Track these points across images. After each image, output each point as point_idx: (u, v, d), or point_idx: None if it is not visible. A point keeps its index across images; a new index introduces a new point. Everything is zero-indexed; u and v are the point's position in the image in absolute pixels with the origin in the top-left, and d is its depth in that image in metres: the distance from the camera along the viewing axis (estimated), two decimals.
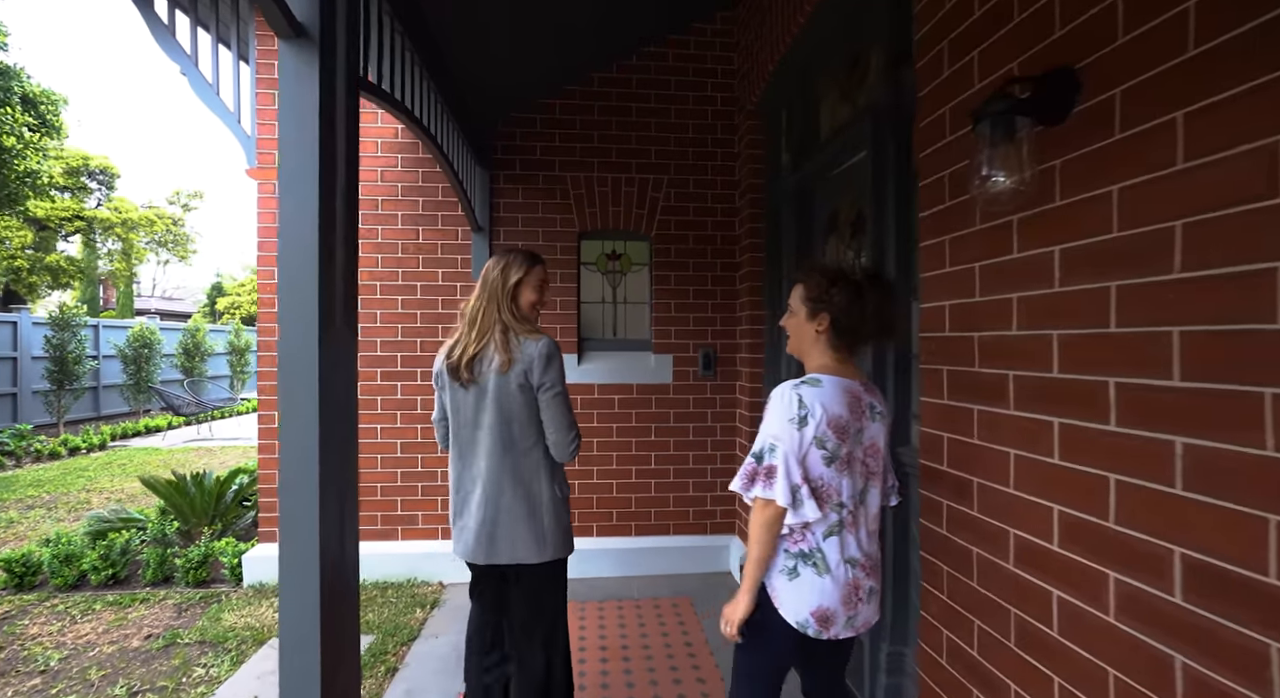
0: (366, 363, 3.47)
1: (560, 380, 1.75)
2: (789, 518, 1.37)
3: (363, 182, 3.46)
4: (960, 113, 1.46)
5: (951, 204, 1.50)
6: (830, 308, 1.45)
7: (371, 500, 3.49)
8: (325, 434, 1.29)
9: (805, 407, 1.36)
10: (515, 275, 1.80)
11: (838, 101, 2.75)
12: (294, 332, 1.25)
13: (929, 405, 1.62)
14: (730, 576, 3.62)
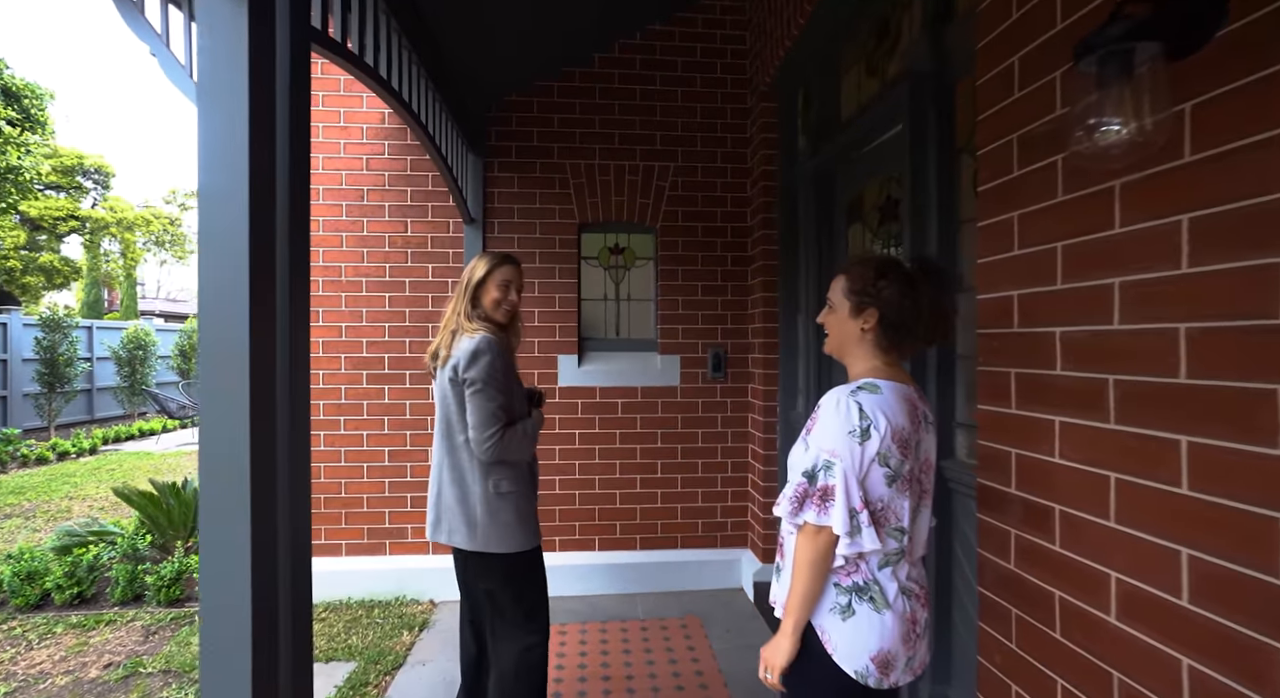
0: (351, 365, 3.23)
1: (485, 379, 1.73)
2: (843, 548, 1.15)
3: (347, 170, 3.23)
4: (1034, 63, 1.21)
5: (1022, 174, 1.25)
6: (878, 303, 1.23)
7: (358, 513, 3.25)
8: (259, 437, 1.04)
9: (868, 417, 1.14)
10: (479, 273, 1.86)
11: (863, 76, 2.50)
12: (218, 323, 1.01)
13: (990, 415, 1.36)
14: (742, 592, 3.37)
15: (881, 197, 2.38)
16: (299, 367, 1.17)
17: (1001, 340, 1.32)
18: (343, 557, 3.23)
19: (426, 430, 3.26)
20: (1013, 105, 1.27)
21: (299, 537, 1.21)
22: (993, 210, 1.34)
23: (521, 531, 1.82)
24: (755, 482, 3.36)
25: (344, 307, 3.23)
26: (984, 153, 1.37)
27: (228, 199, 1.00)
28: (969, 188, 1.76)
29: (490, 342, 1.75)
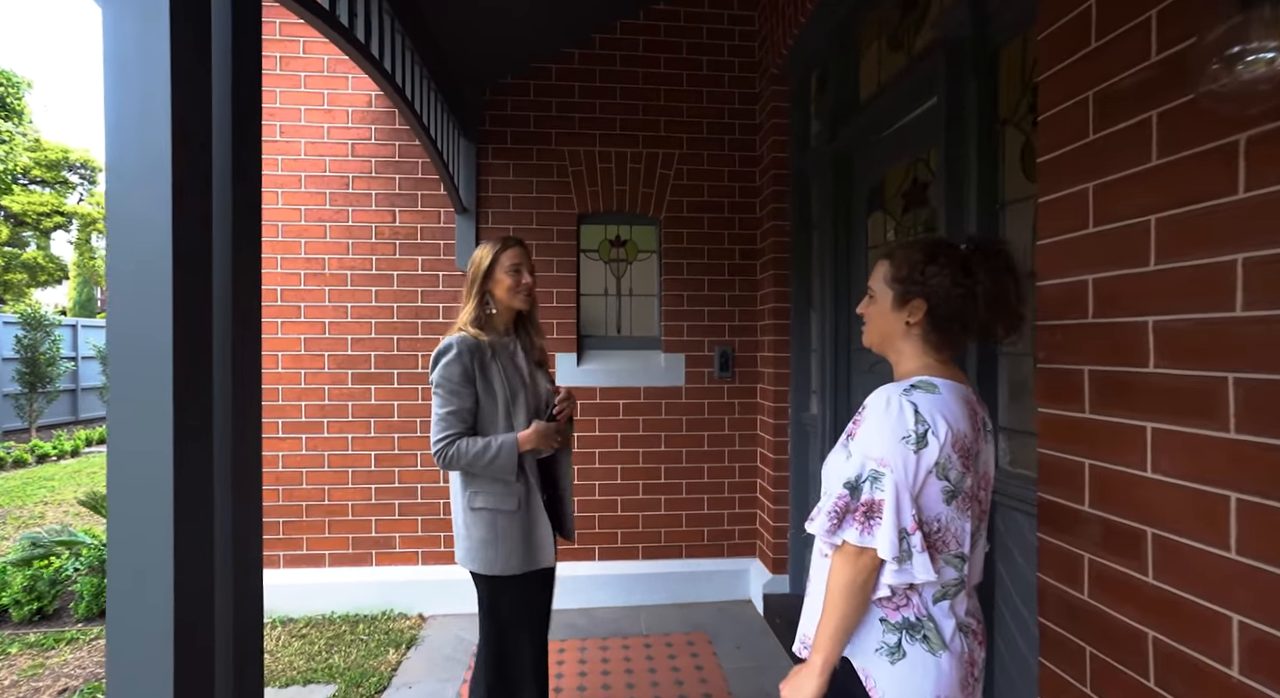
0: (336, 363, 3.04)
1: (442, 380, 1.62)
2: (889, 576, 0.97)
3: (332, 156, 3.03)
4: (1118, 3, 1.02)
5: (1100, 137, 1.07)
6: (926, 292, 1.05)
7: (342, 521, 3.05)
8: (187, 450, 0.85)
9: (924, 420, 0.97)
10: (485, 263, 1.69)
11: (885, 52, 2.32)
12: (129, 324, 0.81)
13: (1054, 420, 1.18)
14: (751, 604, 3.19)
15: (907, 181, 2.20)
16: (244, 368, 0.98)
17: (1070, 333, 1.14)
18: (326, 568, 3.04)
19: (416, 433, 3.07)
20: (1088, 58, 1.09)
21: (245, 552, 1.01)
22: (1059, 183, 1.16)
23: (495, 552, 1.62)
24: (764, 488, 3.17)
25: (328, 301, 3.04)
26: (1047, 117, 1.19)
27: (143, 177, 0.80)
28: (1014, 164, 1.58)
29: (456, 342, 1.64)
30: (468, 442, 1.59)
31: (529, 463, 1.66)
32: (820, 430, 2.61)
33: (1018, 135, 1.57)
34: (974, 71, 1.63)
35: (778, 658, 2.65)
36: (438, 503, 3.08)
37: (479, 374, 1.63)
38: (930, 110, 1.90)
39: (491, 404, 1.64)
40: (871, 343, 1.18)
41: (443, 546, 3.09)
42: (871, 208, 2.45)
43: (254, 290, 0.98)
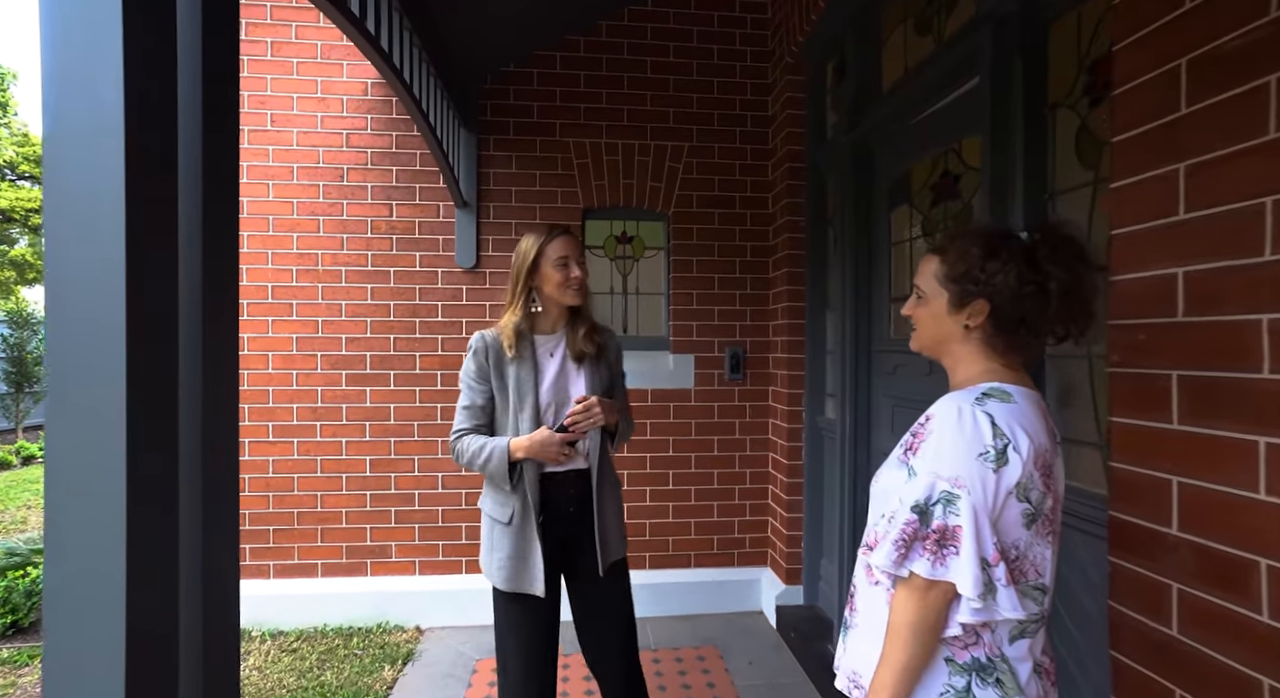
0: (329, 364, 2.90)
1: (462, 374, 1.59)
2: (966, 614, 0.85)
3: (325, 147, 2.89)
4: None
5: (1197, 110, 0.94)
6: (989, 291, 0.92)
7: (335, 529, 2.91)
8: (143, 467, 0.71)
9: (1004, 434, 0.85)
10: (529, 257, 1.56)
11: (913, 36, 2.19)
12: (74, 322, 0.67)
13: (1133, 431, 1.05)
14: (762, 615, 3.06)
15: (935, 173, 2.07)
16: (218, 369, 0.84)
17: (1155, 333, 1.01)
18: (318, 578, 2.90)
19: (413, 438, 2.93)
20: (1182, 20, 0.96)
21: (218, 568, 0.87)
22: (1139, 165, 1.03)
23: (490, 559, 1.56)
24: (777, 494, 3.05)
25: (321, 299, 2.90)
26: (1125, 92, 1.06)
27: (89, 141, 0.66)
28: (1066, 150, 1.45)
29: (476, 338, 1.58)
30: (470, 439, 1.53)
31: (529, 476, 1.51)
32: (840, 435, 2.48)
33: (1071, 118, 1.44)
34: (1020, 51, 1.51)
35: (792, 674, 2.52)
36: (435, 510, 2.95)
37: (494, 373, 1.55)
38: (964, 97, 1.78)
39: (504, 407, 1.55)
40: (923, 348, 1.06)
41: (441, 554, 2.95)
42: (895, 202, 2.32)
43: (228, 275, 0.85)
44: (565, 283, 1.53)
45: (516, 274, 1.57)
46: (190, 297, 0.80)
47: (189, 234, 0.80)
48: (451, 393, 2.95)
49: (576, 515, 1.57)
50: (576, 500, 1.57)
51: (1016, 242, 0.93)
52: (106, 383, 0.66)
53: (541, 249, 1.54)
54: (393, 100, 2.92)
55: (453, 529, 2.96)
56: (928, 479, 0.87)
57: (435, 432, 2.94)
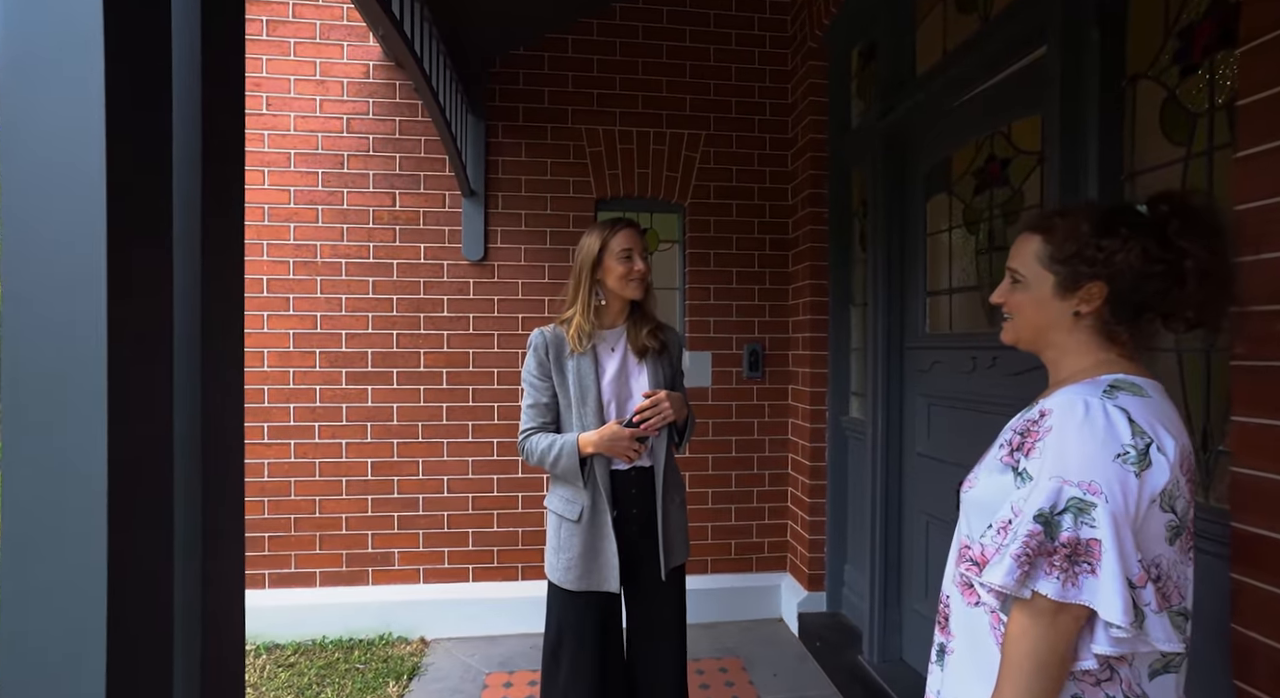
0: (328, 362, 2.74)
1: (524, 373, 1.58)
2: (1104, 645, 0.72)
3: (325, 132, 2.73)
4: None
5: None
6: (1108, 272, 0.80)
7: (335, 536, 2.75)
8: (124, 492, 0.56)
9: (1144, 432, 0.72)
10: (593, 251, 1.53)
11: (953, 14, 2.07)
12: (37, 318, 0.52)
13: (1262, 431, 0.93)
14: (783, 623, 2.93)
15: (980, 158, 1.95)
16: (220, 362, 0.69)
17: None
18: (317, 588, 2.74)
19: (417, 439, 2.78)
20: None
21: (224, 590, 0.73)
22: (1271, 131, 0.91)
23: (556, 559, 1.54)
24: (798, 497, 2.92)
25: (320, 293, 2.74)
26: (1255, 48, 0.94)
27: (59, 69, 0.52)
28: (1148, 125, 1.34)
29: (536, 334, 1.57)
30: (539, 438, 1.52)
31: (599, 472, 1.49)
32: (870, 435, 2.36)
33: (1155, 91, 1.32)
34: (1097, 19, 1.38)
35: (820, 687, 2.40)
36: (441, 515, 2.80)
37: (555, 369, 1.52)
38: (1017, 75, 1.66)
39: (566, 403, 1.52)
40: (1019, 339, 0.93)
41: (446, 562, 2.81)
42: (931, 191, 2.20)
43: (234, 242, 0.70)
44: (628, 275, 1.52)
45: (580, 269, 1.55)
46: (187, 272, 0.65)
47: (185, 188, 0.65)
48: (458, 392, 2.80)
49: (640, 516, 1.55)
50: (640, 500, 1.54)
51: (1136, 216, 0.81)
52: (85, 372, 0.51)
53: (605, 242, 1.53)
54: (396, 84, 2.77)
55: (459, 535, 2.81)
56: (1051, 484, 0.74)
57: (440, 433, 2.79)
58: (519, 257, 2.85)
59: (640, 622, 1.59)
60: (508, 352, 2.83)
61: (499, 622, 2.77)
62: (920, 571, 2.20)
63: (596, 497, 1.50)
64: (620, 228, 1.55)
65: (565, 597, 1.52)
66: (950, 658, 0.88)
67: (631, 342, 1.58)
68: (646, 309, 1.63)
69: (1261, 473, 0.93)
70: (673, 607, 1.60)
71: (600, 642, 1.50)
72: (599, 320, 1.56)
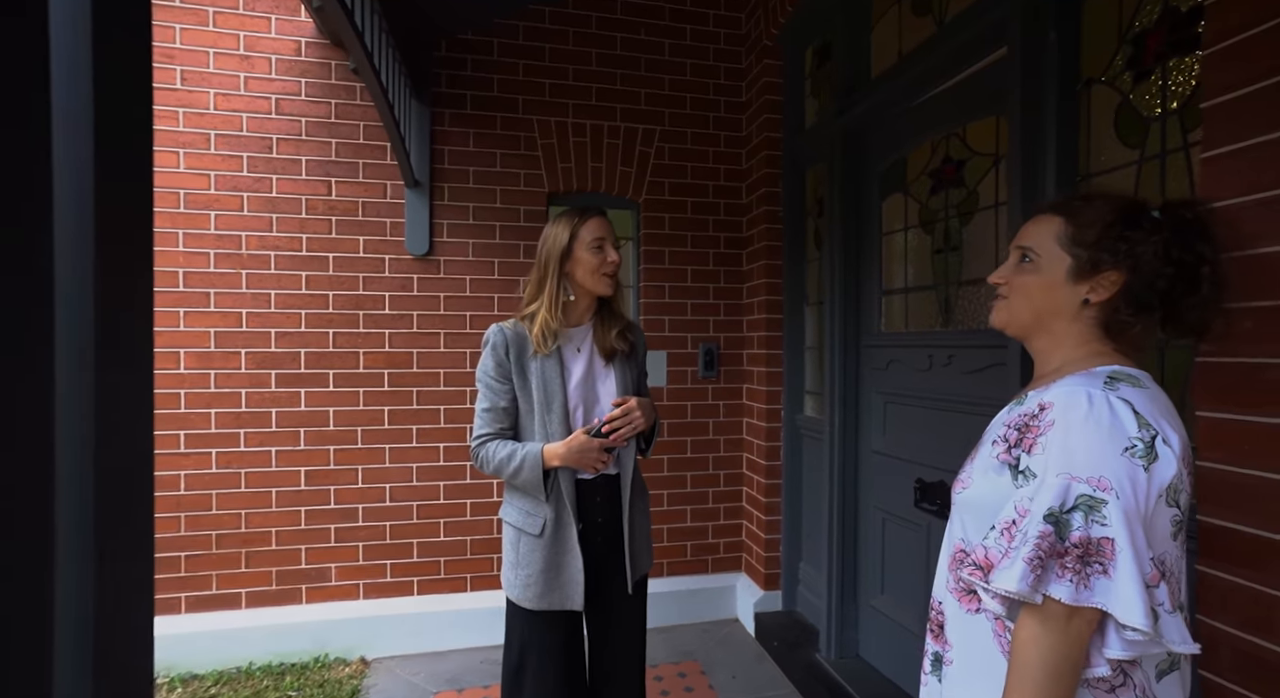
0: (256, 363, 2.51)
1: (480, 374, 1.44)
2: (1119, 649, 0.69)
3: (250, 113, 2.50)
4: None
5: None
6: (1129, 262, 0.78)
7: (263, 552, 2.52)
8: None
9: (1149, 425, 0.70)
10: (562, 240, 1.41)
11: (909, 17, 2.10)
12: None
13: (1225, 426, 0.96)
14: (738, 623, 2.92)
15: (936, 159, 1.99)
16: (122, 370, 0.56)
17: (1264, 318, 0.91)
18: (242, 610, 2.50)
19: (356, 445, 2.59)
20: None
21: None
22: (1242, 130, 0.94)
23: (514, 575, 1.42)
24: (754, 496, 2.92)
25: (245, 288, 2.51)
26: (1220, 50, 0.96)
27: None
28: (1103, 128, 1.37)
29: (494, 331, 1.43)
30: (496, 445, 1.39)
31: (564, 483, 1.38)
32: (828, 433, 2.37)
33: (1109, 95, 1.36)
34: (1055, 22, 1.41)
35: (779, 686, 2.39)
36: (383, 526, 2.62)
37: (516, 370, 1.39)
38: (975, 77, 1.69)
39: (528, 408, 1.40)
40: (1011, 321, 0.89)
41: (389, 575, 2.63)
42: (887, 191, 2.23)
43: (139, 230, 0.57)
44: (600, 268, 1.40)
45: (545, 260, 1.42)
46: (78, 278, 0.52)
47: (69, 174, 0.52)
48: (401, 394, 2.63)
49: (605, 526, 1.45)
50: (605, 509, 1.45)
51: (1150, 216, 0.80)
52: None
53: (575, 231, 1.40)
54: (332, 64, 2.58)
55: (403, 546, 2.64)
56: (1059, 481, 0.71)
57: (382, 438, 2.61)
58: (466, 251, 2.71)
59: (603, 635, 1.51)
60: (455, 352, 2.68)
61: (446, 636, 2.62)
62: (876, 567, 2.22)
63: (561, 510, 1.39)
64: (590, 216, 1.44)
65: (526, 615, 1.41)
66: (949, 668, 0.85)
67: (599, 342, 1.46)
68: (615, 307, 1.51)
69: (1226, 466, 0.96)
70: (637, 619, 1.52)
71: (564, 661, 1.41)
72: (565, 318, 1.44)
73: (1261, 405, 0.91)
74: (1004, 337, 1.61)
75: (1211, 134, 0.97)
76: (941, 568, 0.90)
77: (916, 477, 2.01)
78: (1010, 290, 0.88)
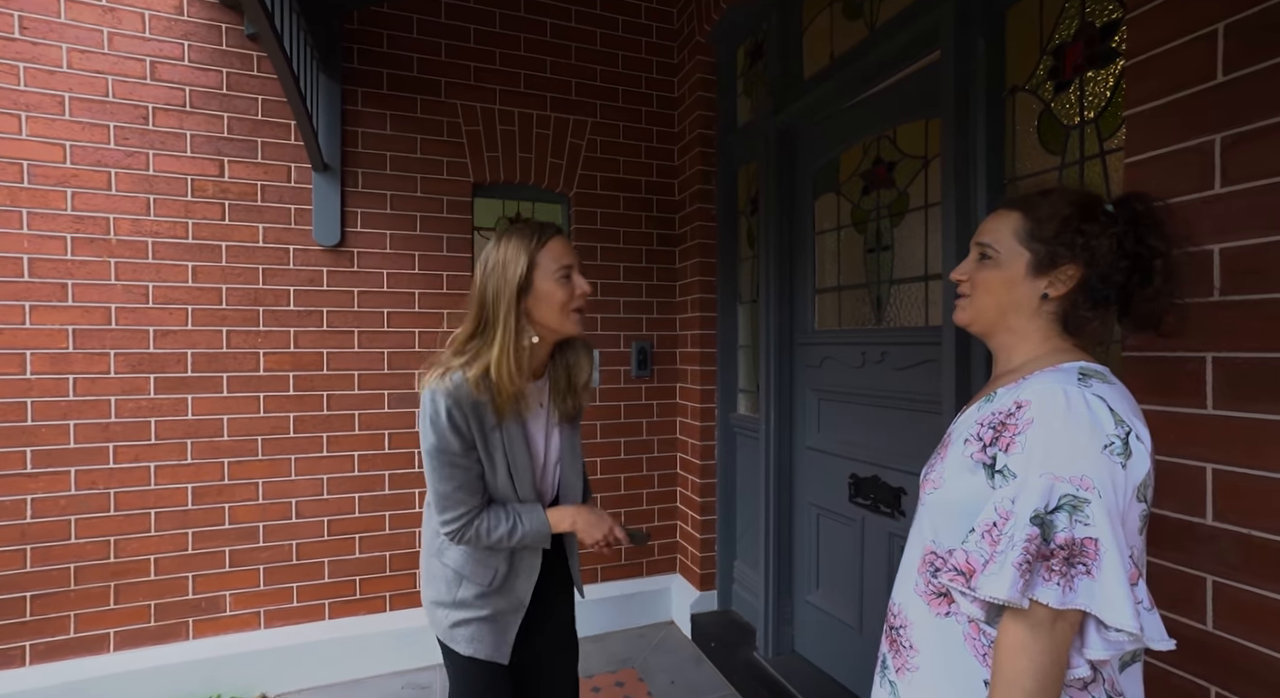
0: (128, 365, 2.18)
1: (436, 452, 1.12)
2: (1100, 649, 0.68)
3: (117, 76, 2.17)
4: None
5: (1244, 75, 0.90)
6: (1085, 256, 0.79)
7: (138, 584, 2.20)
8: None
9: (1124, 422, 0.71)
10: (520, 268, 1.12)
11: (840, 20, 2.14)
12: None
13: (1151, 417, 1.00)
14: (674, 625, 2.89)
15: (867, 160, 2.04)
16: None
17: (1190, 315, 0.96)
18: (109, 654, 2.16)
19: (255, 457, 2.32)
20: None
21: None
22: (1162, 137, 0.99)
23: (451, 619, 1.23)
24: (688, 496, 2.90)
25: (115, 279, 2.17)
26: (1142, 62, 1.02)
27: None
28: (1026, 135, 1.44)
29: (443, 402, 1.10)
30: (487, 520, 1.16)
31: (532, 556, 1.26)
32: (763, 431, 2.38)
33: (1031, 102, 1.43)
34: (983, 30, 1.47)
35: (717, 687, 2.38)
36: (288, 545, 2.36)
37: (479, 440, 1.15)
38: (906, 81, 1.74)
39: (492, 472, 1.18)
40: (976, 318, 0.88)
41: (295, 600, 2.37)
42: (819, 190, 2.27)
43: None
44: (569, 303, 1.14)
45: (495, 296, 1.11)
46: None
47: None
48: (310, 399, 2.38)
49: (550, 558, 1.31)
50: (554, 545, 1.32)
51: (1105, 209, 0.81)
52: None
53: (534, 257, 1.11)
54: (222, 27, 2.28)
55: (312, 567, 2.39)
56: (1042, 481, 0.69)
57: (286, 447, 2.35)
58: (384, 243, 2.50)
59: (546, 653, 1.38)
60: (371, 351, 2.46)
61: (363, 663, 2.40)
62: (811, 563, 2.26)
63: (518, 563, 1.23)
64: (549, 237, 1.15)
65: (470, 664, 1.24)
66: (914, 674, 0.82)
67: (557, 400, 1.24)
68: (575, 353, 1.27)
69: (1159, 456, 1.01)
70: (571, 630, 1.44)
71: None
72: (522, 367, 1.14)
73: (1182, 396, 0.97)
74: (936, 334, 1.67)
75: (1133, 141, 1.03)
76: (908, 571, 0.87)
77: (850, 472, 2.06)
78: (973, 287, 0.87)
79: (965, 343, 1.48)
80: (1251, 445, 0.89)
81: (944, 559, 0.80)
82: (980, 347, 1.45)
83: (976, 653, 0.77)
